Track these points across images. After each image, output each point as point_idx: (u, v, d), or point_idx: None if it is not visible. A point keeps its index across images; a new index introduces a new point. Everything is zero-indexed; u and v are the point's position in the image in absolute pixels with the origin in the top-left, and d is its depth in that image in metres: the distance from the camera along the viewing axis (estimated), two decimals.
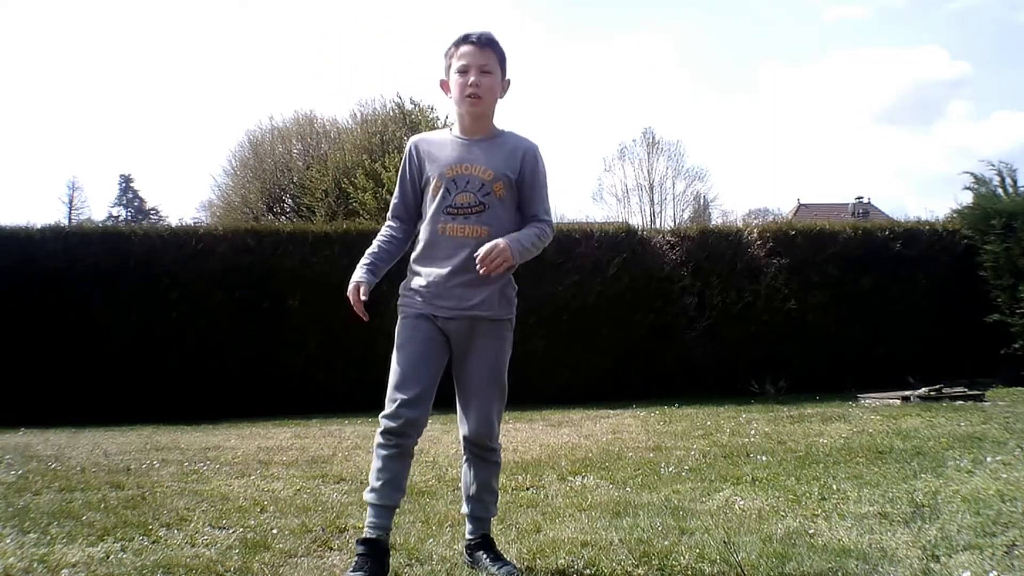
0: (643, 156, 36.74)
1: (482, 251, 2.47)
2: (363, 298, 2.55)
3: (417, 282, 2.60)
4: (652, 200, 36.59)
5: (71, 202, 45.91)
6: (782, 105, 68.70)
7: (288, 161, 22.44)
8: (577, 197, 58.22)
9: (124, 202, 52.71)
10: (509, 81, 2.70)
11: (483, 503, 2.67)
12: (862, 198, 45.28)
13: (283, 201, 22.32)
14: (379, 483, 2.51)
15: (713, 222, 26.55)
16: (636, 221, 27.89)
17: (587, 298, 9.04)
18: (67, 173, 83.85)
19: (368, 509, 2.53)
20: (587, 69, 65.41)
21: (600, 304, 9.04)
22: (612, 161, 38.58)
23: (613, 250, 9.20)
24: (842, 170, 67.88)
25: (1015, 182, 9.73)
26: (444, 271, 2.55)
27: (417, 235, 2.68)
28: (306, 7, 68.76)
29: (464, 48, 2.60)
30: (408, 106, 25.35)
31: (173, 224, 13.49)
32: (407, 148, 2.72)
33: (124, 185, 52.89)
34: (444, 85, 2.70)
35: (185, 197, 67.71)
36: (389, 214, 2.75)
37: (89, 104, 79.21)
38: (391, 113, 21.91)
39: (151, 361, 8.45)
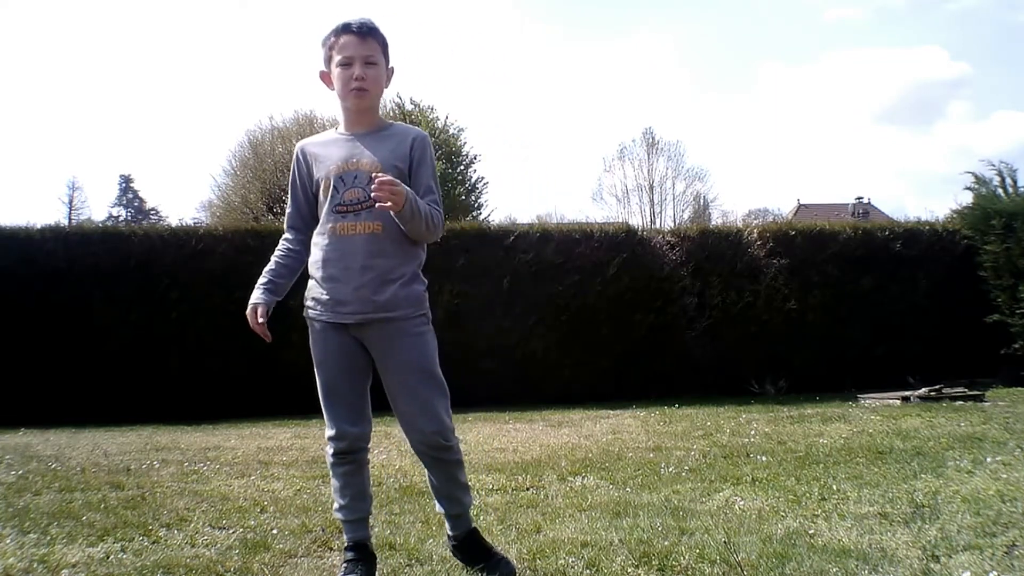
0: (643, 156, 36.82)
1: (385, 176, 2.32)
2: (260, 320, 2.45)
3: (317, 290, 2.49)
4: (652, 200, 36.65)
5: (71, 202, 45.98)
6: (782, 105, 68.79)
7: (288, 161, 22.41)
8: (577, 197, 58.36)
9: (124, 202, 52.74)
10: (393, 69, 2.58)
11: (455, 499, 2.57)
12: (862, 198, 45.35)
13: (283, 201, 22.27)
14: (346, 500, 2.51)
15: (713, 222, 26.56)
16: (636, 221, 27.92)
17: (587, 298, 9.04)
18: (67, 173, 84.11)
19: (343, 525, 2.55)
20: (587, 69, 65.49)
21: (600, 304, 9.05)
22: (612, 161, 38.64)
23: (613, 250, 9.20)
24: (842, 170, 67.98)
25: (1015, 182, 9.73)
26: (342, 275, 2.42)
27: (313, 240, 2.57)
28: (306, 7, 68.76)
29: (345, 39, 2.48)
30: (408, 106, 25.38)
31: (173, 224, 13.50)
32: (294, 154, 2.61)
33: (124, 185, 52.97)
34: (325, 77, 2.56)
35: (185, 197, 67.88)
36: (285, 225, 2.64)
37: (89, 104, 79.34)
38: (391, 113, 21.92)
39: (151, 361, 8.45)
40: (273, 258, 2.61)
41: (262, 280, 2.55)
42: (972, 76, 71.44)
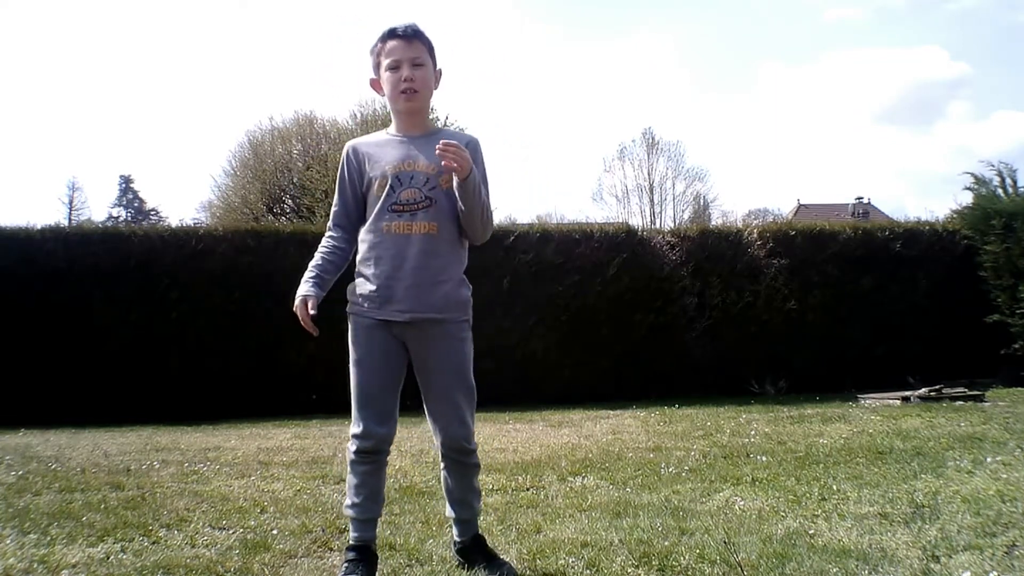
0: (643, 156, 36.79)
1: (454, 143, 2.37)
2: (312, 312, 2.43)
3: (366, 286, 2.50)
4: (652, 200, 36.62)
5: (71, 202, 45.95)
6: (782, 105, 68.84)
7: (288, 161, 22.41)
8: (577, 197, 58.36)
9: (124, 202, 52.73)
10: (441, 71, 2.63)
11: (467, 504, 2.63)
12: (862, 198, 45.34)
13: (283, 201, 22.30)
14: (360, 498, 2.50)
15: (713, 222, 26.50)
16: (636, 221, 27.94)
17: (587, 298, 9.04)
18: (67, 173, 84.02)
19: (351, 523, 2.54)
20: (587, 69, 65.49)
21: (600, 304, 9.05)
22: (612, 161, 38.63)
23: (613, 250, 9.21)
24: (842, 170, 68.01)
25: (1015, 182, 9.73)
26: (395, 273, 2.45)
27: (355, 240, 2.59)
28: (306, 7, 68.77)
29: (392, 43, 2.52)
30: None
31: (173, 224, 13.48)
32: (344, 153, 2.62)
33: (124, 185, 52.96)
34: (375, 84, 2.62)
35: (185, 197, 67.95)
36: (330, 222, 2.64)
37: (89, 104, 79.34)
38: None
39: (151, 361, 8.45)
40: (319, 254, 2.59)
41: (309, 274, 2.53)
42: (972, 76, 71.58)
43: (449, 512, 2.67)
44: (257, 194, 21.79)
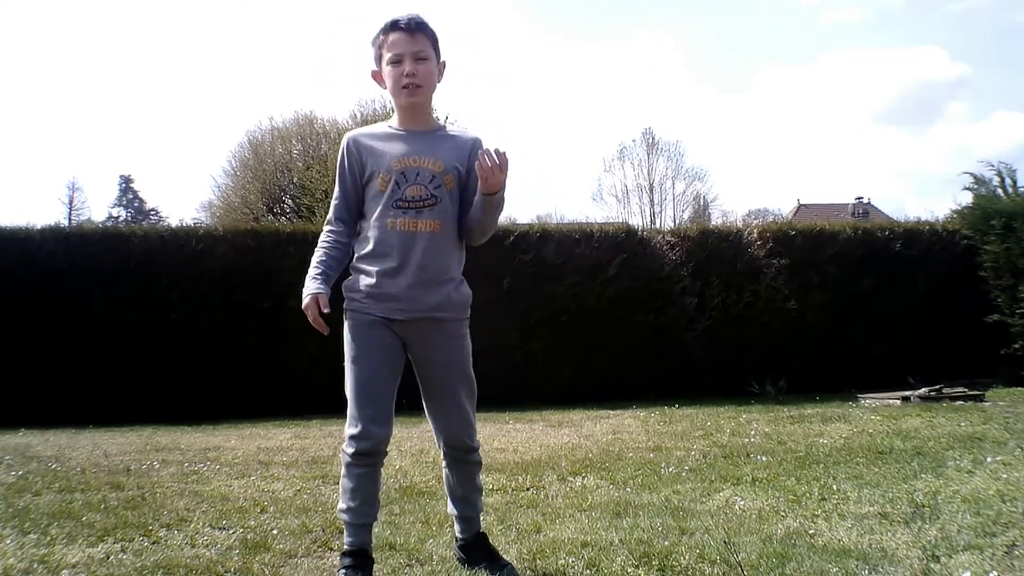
0: (643, 156, 36.82)
1: (496, 152, 2.33)
2: (325, 310, 2.36)
3: (366, 282, 2.44)
4: (652, 200, 36.65)
5: (71, 202, 45.92)
6: (782, 105, 68.78)
7: (288, 161, 22.42)
8: (577, 197, 58.43)
9: (124, 203, 52.73)
10: (444, 63, 2.56)
11: (470, 502, 2.61)
12: (862, 198, 45.33)
13: (283, 201, 22.31)
14: (356, 503, 2.44)
15: (713, 222, 26.52)
16: (636, 222, 27.92)
17: (587, 298, 9.04)
18: (67, 173, 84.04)
19: (346, 527, 2.49)
20: (587, 69, 65.46)
21: (600, 304, 9.05)
22: (612, 161, 38.66)
23: (613, 251, 9.21)
24: (842, 170, 67.97)
25: (1015, 182, 9.74)
26: (397, 270, 2.41)
27: (360, 232, 2.53)
28: (306, 7, 68.79)
29: (394, 36, 2.46)
30: None
31: (173, 225, 13.47)
32: (344, 145, 2.54)
33: (124, 186, 52.96)
34: (377, 76, 2.56)
35: (185, 197, 67.96)
36: (330, 216, 2.57)
37: (89, 104, 79.30)
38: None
39: (151, 362, 8.45)
40: (322, 248, 2.51)
41: (315, 271, 2.45)
42: (972, 76, 71.49)
43: (451, 510, 2.66)
44: (257, 194, 21.80)
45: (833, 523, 3.03)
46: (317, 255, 2.51)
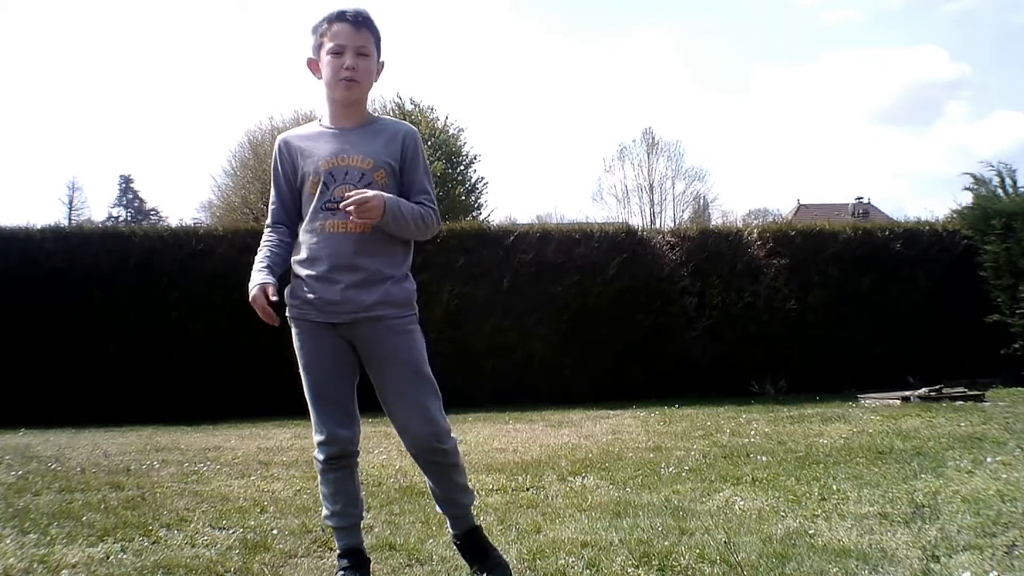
0: (643, 156, 36.87)
1: (355, 195, 2.26)
2: (273, 298, 2.31)
3: (304, 288, 2.40)
4: (652, 200, 36.69)
5: (71, 202, 45.99)
6: (782, 105, 68.79)
7: None
8: (577, 197, 58.48)
9: (124, 202, 52.75)
10: (383, 64, 2.50)
11: (453, 502, 2.53)
12: (862, 198, 45.32)
13: None
14: (339, 506, 2.44)
15: (713, 222, 26.52)
16: (636, 221, 28.00)
17: (587, 298, 9.04)
18: (67, 173, 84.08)
19: (335, 532, 2.49)
20: (587, 69, 65.47)
21: (600, 304, 9.04)
22: (612, 161, 38.74)
23: (613, 250, 9.20)
24: (842, 170, 67.98)
25: (1015, 182, 9.74)
26: (332, 273, 2.35)
27: (297, 237, 2.48)
28: (306, 8, 68.74)
29: (338, 26, 2.39)
30: (408, 106, 25.37)
31: (173, 224, 13.50)
32: (276, 147, 2.51)
33: (124, 185, 52.98)
34: (312, 65, 2.47)
35: (185, 197, 67.96)
36: (268, 220, 2.53)
37: (89, 104, 79.37)
38: (391, 114, 21.92)
39: (151, 361, 8.45)
40: (265, 247, 2.48)
41: (260, 265, 2.42)
42: (971, 76, 71.50)
43: (439, 509, 2.62)
44: (257, 194, 21.79)
45: (833, 523, 3.03)
46: (260, 253, 2.47)
